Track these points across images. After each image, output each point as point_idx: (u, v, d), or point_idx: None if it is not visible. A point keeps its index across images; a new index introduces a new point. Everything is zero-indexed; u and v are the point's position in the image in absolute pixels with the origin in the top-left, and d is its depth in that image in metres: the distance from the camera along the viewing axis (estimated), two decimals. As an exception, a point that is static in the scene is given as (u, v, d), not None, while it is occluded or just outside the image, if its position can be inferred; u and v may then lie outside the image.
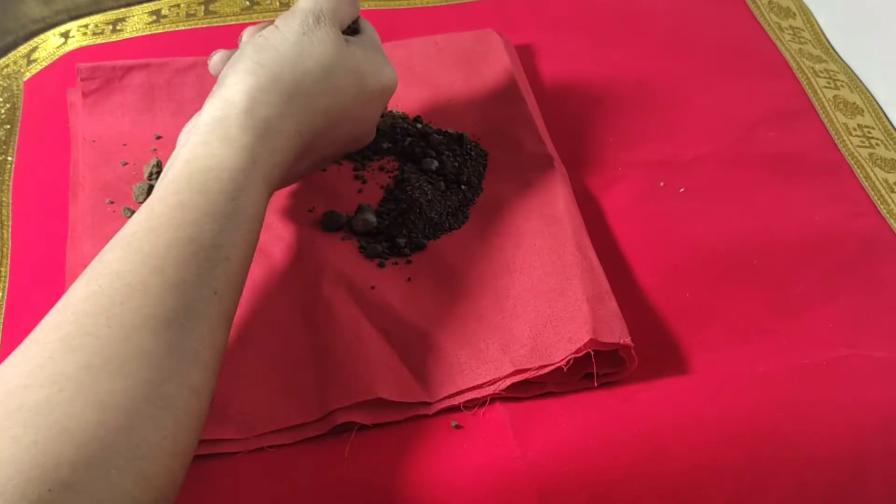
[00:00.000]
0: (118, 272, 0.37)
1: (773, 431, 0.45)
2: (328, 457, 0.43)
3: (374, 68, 0.49)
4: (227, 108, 0.43)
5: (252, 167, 0.42)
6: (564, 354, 0.45)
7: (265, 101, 0.43)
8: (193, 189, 0.40)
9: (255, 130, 0.43)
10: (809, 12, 0.73)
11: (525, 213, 0.53)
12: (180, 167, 0.41)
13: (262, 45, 0.45)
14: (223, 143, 0.42)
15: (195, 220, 0.39)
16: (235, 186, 0.41)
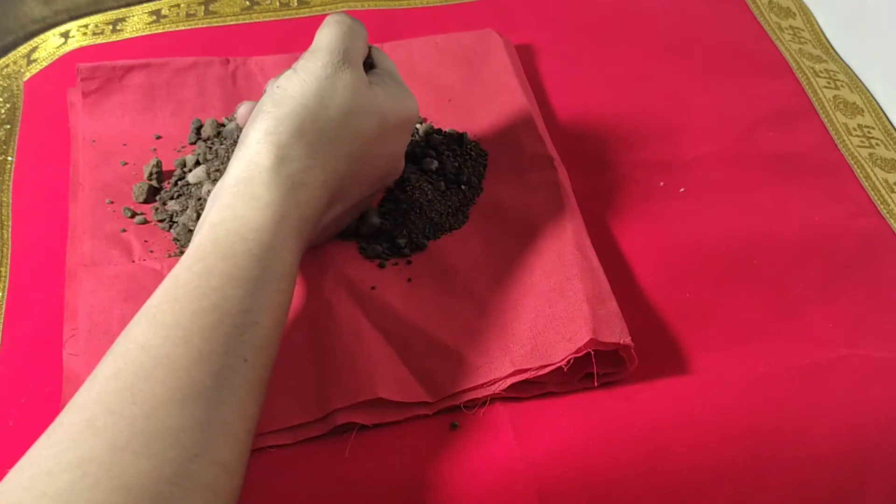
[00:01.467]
0: (143, 346, 0.36)
1: (773, 431, 0.45)
2: (328, 457, 0.43)
3: (394, 105, 0.47)
4: (250, 168, 0.42)
5: (279, 224, 0.40)
6: (565, 354, 0.45)
7: (289, 156, 0.42)
8: (219, 254, 0.39)
9: (280, 187, 0.41)
10: (809, 12, 0.73)
11: (525, 213, 0.53)
12: (206, 232, 0.40)
13: (280, 97, 0.44)
14: (248, 203, 0.41)
15: (220, 287, 0.38)
16: (262, 247, 0.39)
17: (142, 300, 0.47)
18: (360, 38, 0.47)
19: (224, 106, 0.60)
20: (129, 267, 0.50)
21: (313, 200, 0.43)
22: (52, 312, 0.49)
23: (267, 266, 0.39)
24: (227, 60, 0.62)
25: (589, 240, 0.51)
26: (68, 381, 0.45)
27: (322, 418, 0.44)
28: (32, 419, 0.45)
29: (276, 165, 0.42)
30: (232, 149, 0.55)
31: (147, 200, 0.54)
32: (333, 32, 0.46)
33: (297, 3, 0.70)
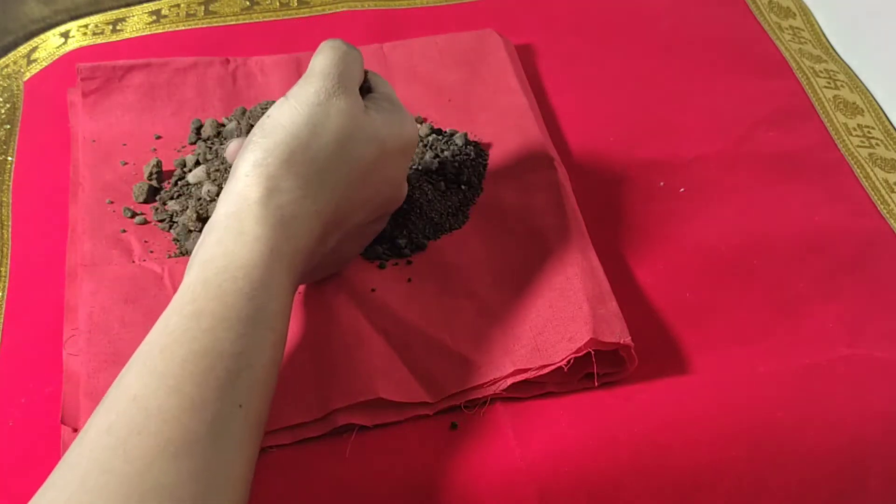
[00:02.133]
0: (134, 397, 0.35)
1: (773, 431, 0.45)
2: (328, 457, 0.43)
3: (392, 130, 0.45)
4: (239, 202, 0.40)
5: (270, 259, 0.39)
6: (565, 354, 0.45)
7: (279, 188, 0.40)
8: (209, 294, 0.37)
9: (270, 219, 0.40)
10: (809, 12, 0.73)
11: (525, 213, 0.53)
12: (196, 271, 0.39)
13: (270, 127, 0.42)
14: (237, 238, 0.39)
15: (210, 329, 0.36)
16: (252, 285, 0.38)
17: (142, 302, 0.48)
18: (355, 62, 0.45)
19: (224, 106, 0.60)
20: (129, 268, 0.50)
21: (306, 232, 0.41)
22: (52, 312, 0.49)
23: (259, 305, 0.38)
24: (227, 60, 0.62)
25: (589, 240, 0.51)
26: (68, 380, 0.45)
27: (322, 418, 0.44)
28: (32, 419, 0.45)
29: (265, 198, 0.40)
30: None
31: (147, 200, 0.54)
32: (327, 58, 0.44)
33: (297, 3, 0.70)
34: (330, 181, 0.42)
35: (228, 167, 0.54)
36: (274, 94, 0.60)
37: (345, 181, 0.43)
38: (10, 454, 0.44)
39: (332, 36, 0.66)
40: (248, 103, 0.60)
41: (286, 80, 0.61)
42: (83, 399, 0.44)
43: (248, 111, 0.57)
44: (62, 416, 0.44)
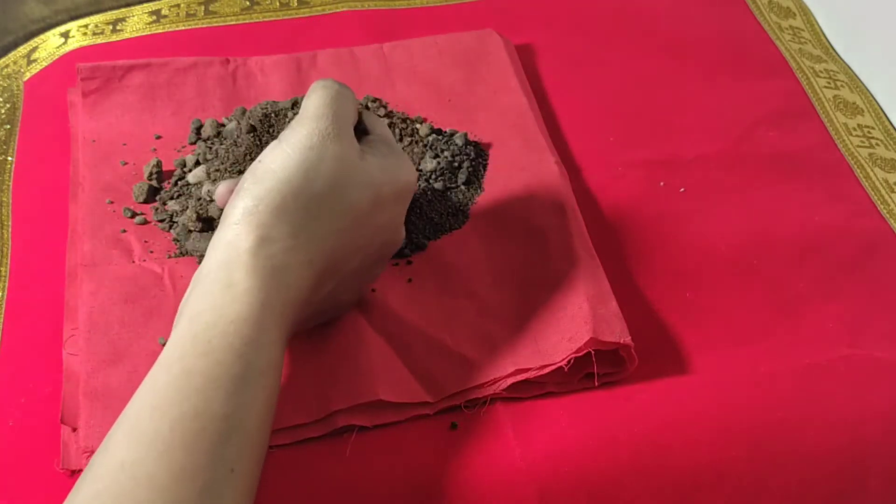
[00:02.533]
0: (122, 464, 0.33)
1: (773, 431, 0.45)
2: (328, 457, 0.43)
3: (389, 175, 0.43)
4: (229, 251, 0.38)
5: (260, 312, 0.37)
6: (565, 354, 0.45)
7: (269, 236, 0.39)
8: (198, 351, 0.36)
9: (261, 271, 0.38)
10: (809, 12, 0.73)
11: (525, 213, 0.53)
12: (185, 326, 0.37)
13: (261, 173, 0.40)
14: (227, 291, 0.37)
15: (200, 389, 0.35)
16: (243, 340, 0.36)
17: (142, 302, 0.48)
18: (349, 102, 0.43)
19: (224, 106, 0.60)
20: (129, 268, 0.50)
21: (298, 282, 0.39)
22: (52, 312, 0.49)
23: (249, 361, 0.36)
24: (227, 60, 0.62)
25: (589, 239, 0.51)
26: (68, 380, 0.45)
27: (322, 419, 0.43)
28: (32, 419, 0.45)
29: (255, 247, 0.38)
30: (232, 149, 0.55)
31: (147, 200, 0.54)
32: (320, 99, 0.42)
33: (297, 3, 0.70)
34: (323, 228, 0.40)
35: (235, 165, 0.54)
36: (274, 94, 0.60)
37: (338, 228, 0.41)
38: (10, 454, 0.44)
39: (332, 36, 0.67)
40: (248, 103, 0.60)
41: (286, 80, 0.61)
42: (83, 399, 0.44)
43: (248, 111, 0.57)
44: (62, 415, 0.44)
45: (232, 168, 0.54)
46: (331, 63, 0.63)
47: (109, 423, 0.42)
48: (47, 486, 0.42)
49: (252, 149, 0.55)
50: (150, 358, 0.45)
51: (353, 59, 0.63)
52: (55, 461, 0.43)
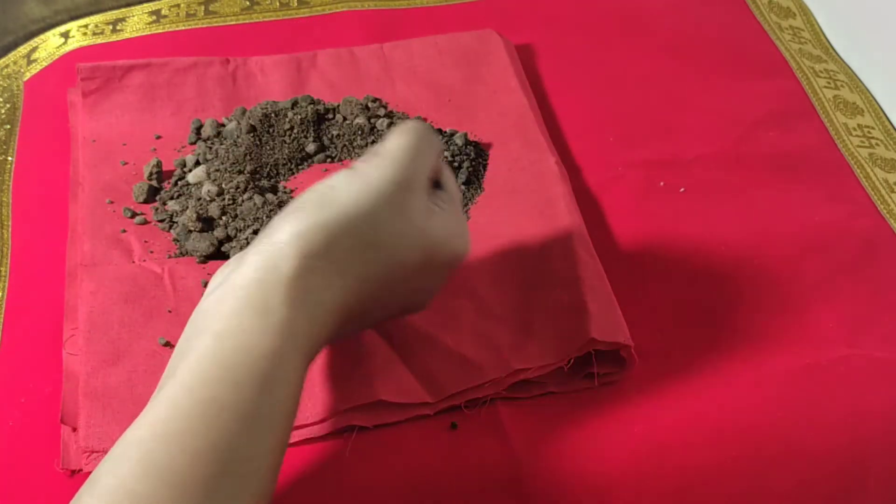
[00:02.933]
0: (131, 493, 0.31)
1: (773, 431, 0.45)
2: (328, 457, 0.43)
3: (447, 240, 0.40)
4: (269, 271, 0.35)
5: (289, 346, 0.35)
6: (565, 354, 0.45)
7: (313, 268, 0.36)
8: (225, 380, 0.33)
9: (297, 302, 0.35)
10: (809, 12, 0.73)
11: (525, 213, 0.53)
12: (209, 344, 0.34)
13: (329, 200, 0.37)
14: (260, 316, 0.35)
15: (224, 426, 0.32)
16: (273, 377, 0.34)
17: (142, 302, 0.48)
18: (432, 151, 0.40)
19: (224, 106, 0.60)
20: (129, 268, 0.50)
21: (328, 321, 0.37)
22: (52, 312, 0.49)
23: (276, 400, 0.34)
24: (227, 60, 0.62)
25: (589, 240, 0.51)
26: (68, 380, 0.45)
27: (322, 419, 0.43)
28: (32, 419, 0.45)
29: (297, 277, 0.35)
30: (232, 149, 0.55)
31: (147, 200, 0.54)
32: (408, 142, 0.39)
33: (297, 3, 0.70)
34: (367, 275, 0.38)
35: (235, 165, 0.54)
36: (274, 94, 0.60)
37: (381, 280, 0.38)
38: (10, 454, 0.44)
39: (332, 36, 0.67)
40: (248, 103, 0.60)
41: (286, 80, 0.61)
42: (83, 399, 0.44)
43: (248, 111, 0.57)
44: (62, 415, 0.44)
45: (232, 168, 0.54)
46: (331, 63, 0.63)
47: (109, 422, 0.43)
48: (47, 486, 0.42)
49: (252, 149, 0.55)
50: (150, 358, 0.45)
51: (353, 59, 0.63)
52: (55, 461, 0.43)
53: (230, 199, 0.52)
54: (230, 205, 0.52)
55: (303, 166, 0.56)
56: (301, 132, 0.56)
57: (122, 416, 0.43)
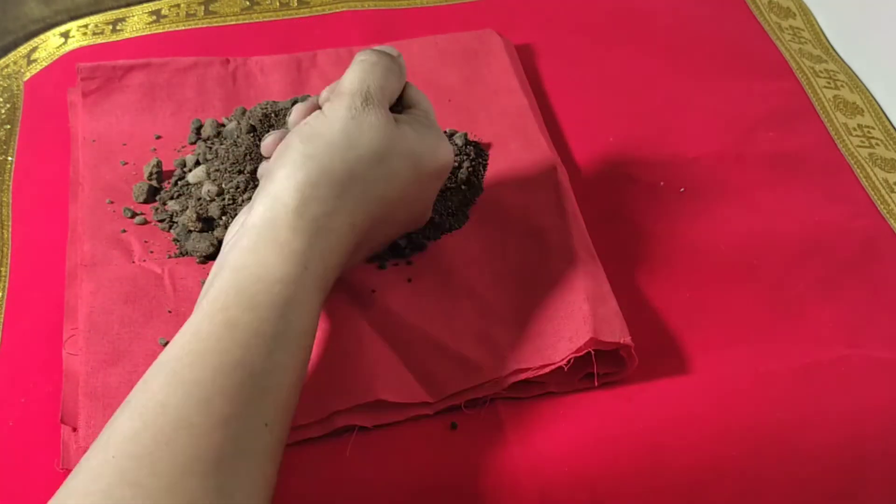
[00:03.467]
0: (163, 404, 0.34)
1: (773, 431, 0.45)
2: (328, 457, 0.43)
3: (427, 148, 0.45)
4: (276, 208, 0.40)
5: (304, 274, 0.39)
6: (565, 354, 0.45)
7: (316, 196, 0.40)
8: (242, 304, 0.37)
9: (306, 231, 0.40)
10: (809, 12, 0.73)
11: (525, 213, 0.53)
12: (228, 276, 0.38)
13: (308, 133, 0.42)
14: (273, 248, 0.39)
15: (244, 343, 0.36)
16: (286, 300, 0.38)
17: (142, 302, 0.48)
18: (387, 73, 0.45)
19: (224, 106, 0.60)
20: (129, 268, 0.50)
21: (339, 247, 0.41)
22: (52, 312, 0.49)
23: (290, 321, 0.38)
24: (227, 60, 0.62)
25: (589, 239, 0.51)
26: (68, 380, 0.45)
27: (323, 419, 0.43)
28: (32, 419, 0.45)
29: (301, 206, 0.40)
30: (232, 149, 0.55)
31: (147, 200, 0.54)
32: (355, 73, 0.44)
33: (297, 3, 0.70)
34: (366, 193, 0.42)
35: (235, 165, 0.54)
36: (274, 94, 0.60)
37: (380, 195, 0.43)
38: (10, 454, 0.44)
39: (332, 36, 0.67)
40: (248, 103, 0.60)
41: (286, 80, 0.61)
42: (83, 399, 0.44)
43: (248, 111, 0.57)
44: (62, 415, 0.44)
45: (232, 168, 0.54)
46: (331, 63, 0.63)
47: (109, 422, 0.43)
48: (47, 486, 0.42)
49: (252, 149, 0.55)
50: (150, 358, 0.45)
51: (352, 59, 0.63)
52: (55, 461, 0.43)
53: (230, 199, 0.52)
54: (230, 205, 0.52)
55: (303, 166, 0.56)
56: (301, 132, 0.56)
57: (122, 416, 0.43)
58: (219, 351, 0.36)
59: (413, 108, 0.47)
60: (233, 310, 0.37)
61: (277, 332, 0.37)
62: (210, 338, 0.36)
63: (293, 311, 0.38)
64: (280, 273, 0.38)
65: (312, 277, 0.39)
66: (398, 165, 0.43)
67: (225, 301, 0.37)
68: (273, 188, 0.41)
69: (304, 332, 0.38)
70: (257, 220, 0.40)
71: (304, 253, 0.39)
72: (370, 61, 0.45)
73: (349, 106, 0.43)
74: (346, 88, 0.44)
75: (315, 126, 0.42)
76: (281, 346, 0.37)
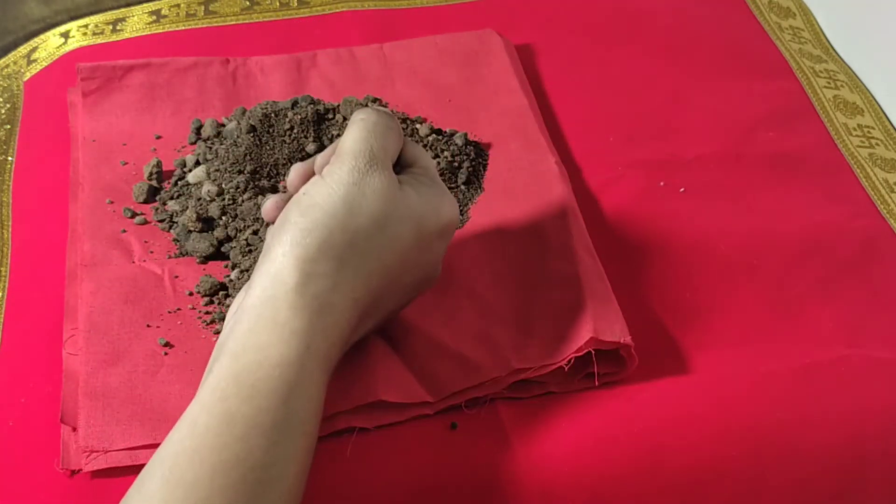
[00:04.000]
0: None
1: (773, 431, 0.45)
2: (328, 457, 0.43)
3: (430, 208, 0.42)
4: (275, 287, 0.38)
5: (306, 355, 0.37)
6: (565, 353, 0.45)
7: (316, 272, 0.38)
8: (241, 394, 0.35)
9: (307, 310, 0.37)
10: (809, 12, 0.73)
11: (525, 213, 0.53)
12: (227, 364, 0.36)
13: (307, 205, 0.39)
14: (273, 329, 0.37)
15: (243, 436, 0.34)
16: (287, 385, 0.36)
17: (141, 302, 0.48)
18: (388, 133, 0.42)
19: (224, 106, 0.60)
20: (129, 268, 0.50)
21: (342, 322, 0.39)
22: (52, 312, 0.49)
23: (293, 408, 0.36)
24: (227, 60, 0.62)
25: (589, 239, 0.51)
26: (68, 380, 0.45)
27: (323, 420, 0.43)
28: (32, 419, 0.45)
29: (301, 284, 0.38)
30: (232, 149, 0.55)
31: (147, 200, 0.54)
32: (357, 133, 0.41)
33: (297, 3, 0.70)
34: (368, 265, 0.40)
35: (235, 165, 0.54)
36: (274, 94, 0.60)
37: (383, 265, 0.40)
38: (10, 454, 0.44)
39: (332, 36, 0.67)
40: (248, 103, 0.60)
41: (286, 80, 0.61)
42: (83, 399, 0.44)
43: (248, 111, 0.57)
44: (62, 415, 0.44)
45: (232, 168, 0.54)
46: (331, 63, 0.63)
47: (109, 422, 0.43)
48: (47, 486, 0.42)
49: (252, 149, 0.55)
50: (150, 358, 0.45)
51: (353, 59, 0.63)
52: (55, 461, 0.43)
53: (230, 199, 0.52)
54: (230, 205, 0.52)
55: (303, 166, 0.56)
56: (301, 132, 0.56)
57: (122, 416, 0.43)
58: (217, 448, 0.34)
59: (413, 167, 0.44)
60: (232, 400, 0.35)
61: (278, 421, 0.35)
62: (208, 433, 0.34)
63: (295, 396, 0.36)
64: (280, 356, 0.36)
65: (315, 358, 0.37)
66: (399, 231, 0.41)
67: (224, 391, 0.36)
68: (271, 267, 0.38)
69: (307, 418, 0.36)
70: (256, 301, 0.38)
71: (306, 332, 0.37)
72: (371, 120, 0.42)
73: (352, 168, 0.40)
74: (349, 149, 0.41)
75: (314, 196, 0.40)
76: (283, 436, 0.35)
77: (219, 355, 0.38)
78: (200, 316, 0.48)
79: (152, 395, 0.44)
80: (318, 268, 0.38)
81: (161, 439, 0.42)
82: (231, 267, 0.50)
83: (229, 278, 0.49)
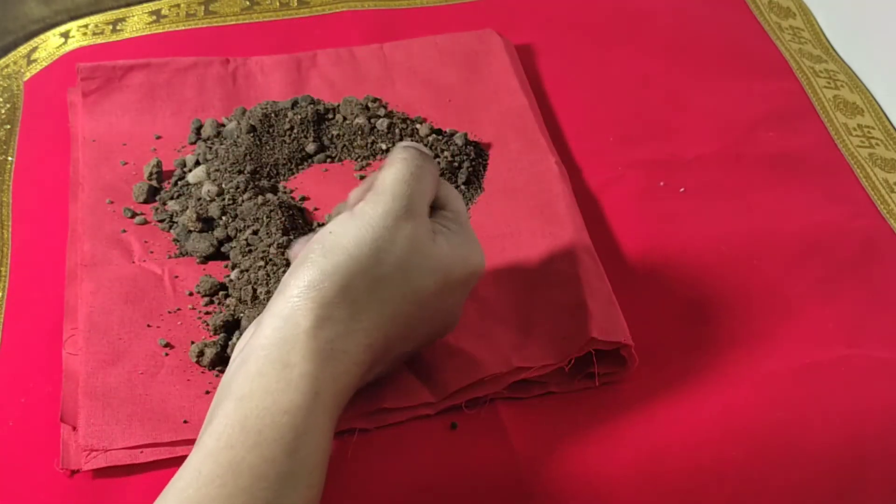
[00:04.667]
0: None
1: (773, 431, 0.45)
2: (330, 458, 0.43)
3: (459, 258, 0.40)
4: (286, 328, 0.36)
5: (314, 402, 0.35)
6: (565, 353, 0.45)
7: (331, 316, 0.36)
8: (248, 442, 0.34)
9: (318, 354, 0.36)
10: (809, 12, 0.73)
11: (525, 214, 0.53)
12: (233, 407, 0.35)
13: (331, 245, 0.37)
14: (282, 373, 0.35)
15: (248, 488, 0.33)
16: (295, 433, 0.34)
17: (141, 302, 0.48)
18: (428, 177, 0.40)
19: (224, 106, 0.60)
20: (129, 268, 0.50)
21: (353, 369, 0.37)
22: (52, 312, 0.49)
23: (299, 458, 0.34)
24: (227, 60, 0.62)
25: (589, 239, 0.51)
26: (68, 380, 0.45)
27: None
28: (32, 419, 0.45)
29: (315, 328, 0.36)
30: (232, 149, 0.55)
31: (147, 200, 0.54)
32: (399, 173, 0.39)
33: (297, 3, 0.70)
34: (386, 312, 0.38)
35: (235, 165, 0.54)
36: (274, 94, 0.60)
37: (402, 312, 0.39)
38: (10, 454, 0.44)
39: (332, 36, 0.67)
40: (248, 103, 0.60)
41: (286, 80, 0.61)
42: (82, 398, 0.44)
43: (248, 111, 0.57)
44: (61, 415, 0.44)
45: (232, 168, 0.54)
46: (331, 63, 0.63)
47: (109, 422, 0.43)
48: (47, 486, 0.42)
49: (252, 149, 0.55)
50: (150, 358, 0.46)
51: (353, 59, 0.63)
52: (55, 461, 0.43)
53: (230, 199, 0.52)
54: (230, 205, 0.52)
55: (303, 166, 0.56)
56: (301, 132, 0.56)
57: (122, 415, 0.43)
58: (221, 498, 0.33)
59: (444, 209, 0.42)
60: (237, 448, 0.34)
61: (284, 472, 0.34)
62: (212, 483, 0.33)
63: (303, 444, 0.34)
64: (288, 402, 0.35)
65: (323, 405, 0.36)
66: (425, 282, 0.39)
67: (229, 438, 0.34)
68: (285, 307, 0.37)
69: (314, 467, 0.35)
70: (265, 341, 0.36)
71: (316, 378, 0.35)
72: (414, 162, 0.40)
73: (387, 212, 0.38)
74: (388, 189, 0.38)
75: (340, 237, 0.37)
76: (289, 487, 0.34)
77: (223, 398, 0.36)
78: (200, 316, 0.48)
79: (152, 394, 0.44)
80: (335, 312, 0.36)
81: (161, 439, 0.43)
82: (231, 267, 0.50)
83: (229, 278, 0.49)
